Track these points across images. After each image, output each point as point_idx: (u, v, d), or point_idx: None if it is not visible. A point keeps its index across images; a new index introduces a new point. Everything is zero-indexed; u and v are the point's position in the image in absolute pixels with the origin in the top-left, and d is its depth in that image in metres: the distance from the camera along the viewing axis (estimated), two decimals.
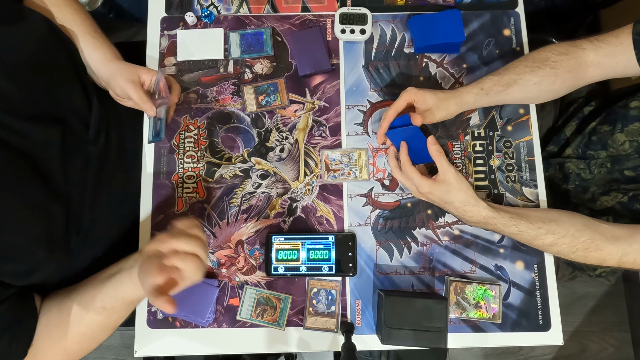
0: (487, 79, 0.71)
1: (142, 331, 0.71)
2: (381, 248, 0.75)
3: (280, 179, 0.77)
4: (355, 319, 0.72)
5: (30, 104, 0.60)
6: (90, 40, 0.70)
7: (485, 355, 1.45)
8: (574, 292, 1.46)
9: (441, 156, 0.67)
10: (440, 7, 0.83)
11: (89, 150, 0.68)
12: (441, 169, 0.67)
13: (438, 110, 0.70)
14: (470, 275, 0.74)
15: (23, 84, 0.59)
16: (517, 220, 0.66)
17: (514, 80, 0.70)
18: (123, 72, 0.69)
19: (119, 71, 0.69)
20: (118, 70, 0.69)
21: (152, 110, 0.69)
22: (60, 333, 0.59)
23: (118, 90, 0.70)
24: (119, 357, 1.44)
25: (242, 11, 0.83)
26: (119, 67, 0.70)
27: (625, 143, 0.76)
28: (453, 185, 0.66)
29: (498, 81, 0.70)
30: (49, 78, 0.64)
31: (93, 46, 0.70)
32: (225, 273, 0.73)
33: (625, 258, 0.63)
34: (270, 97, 0.79)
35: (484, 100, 0.71)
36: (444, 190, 0.66)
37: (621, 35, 0.66)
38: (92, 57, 0.70)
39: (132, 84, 0.68)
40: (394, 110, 0.71)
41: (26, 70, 0.60)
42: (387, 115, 0.71)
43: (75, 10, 0.71)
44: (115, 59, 0.71)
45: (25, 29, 0.62)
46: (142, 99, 0.68)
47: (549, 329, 0.72)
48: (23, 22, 0.62)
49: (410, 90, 0.70)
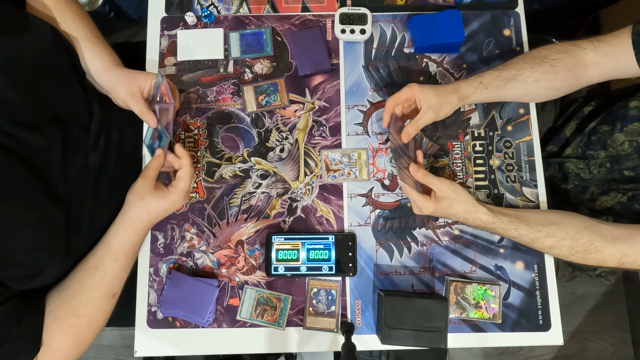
0: (486, 73, 0.71)
1: (142, 331, 0.72)
2: (381, 248, 0.75)
3: (280, 179, 0.77)
4: (355, 319, 0.72)
5: (32, 112, 0.60)
6: (90, 47, 0.70)
7: (485, 355, 1.45)
8: (574, 292, 1.46)
9: (429, 177, 0.67)
10: (440, 7, 0.83)
11: (89, 154, 0.68)
12: (435, 187, 0.67)
13: (441, 107, 0.70)
14: (470, 275, 0.74)
15: (26, 92, 0.59)
16: (516, 224, 0.66)
17: (514, 76, 0.70)
18: (122, 84, 0.69)
19: (118, 82, 0.70)
20: (117, 81, 0.70)
21: (153, 121, 0.70)
22: (64, 311, 0.60)
23: (119, 102, 0.71)
24: (119, 357, 1.44)
25: (242, 11, 0.83)
26: (118, 77, 0.70)
27: (624, 143, 0.76)
28: (452, 198, 0.66)
29: (497, 76, 0.70)
30: (51, 85, 0.64)
31: (92, 52, 0.70)
32: (225, 273, 0.73)
33: (625, 259, 0.63)
34: (270, 97, 0.79)
35: (483, 94, 0.71)
36: (446, 206, 0.67)
37: (621, 36, 0.66)
38: (91, 65, 0.70)
39: (132, 96, 0.69)
40: (393, 101, 0.71)
41: (30, 79, 0.61)
42: (387, 106, 0.72)
43: (77, 15, 0.71)
44: (114, 67, 0.71)
45: (31, 39, 0.62)
46: (143, 112, 0.69)
47: (549, 329, 0.72)
48: (29, 32, 0.62)
49: (413, 87, 0.70)
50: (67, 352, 0.61)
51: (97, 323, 0.64)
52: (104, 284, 0.63)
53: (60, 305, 0.61)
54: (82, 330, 0.62)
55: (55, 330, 0.59)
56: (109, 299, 0.64)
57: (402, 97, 0.70)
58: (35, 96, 0.61)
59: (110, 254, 0.64)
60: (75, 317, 0.61)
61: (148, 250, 0.74)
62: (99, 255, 0.64)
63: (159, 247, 0.74)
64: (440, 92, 0.70)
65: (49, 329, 0.59)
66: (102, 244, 0.65)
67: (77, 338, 0.61)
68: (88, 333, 0.63)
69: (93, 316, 0.63)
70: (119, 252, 0.65)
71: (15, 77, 0.58)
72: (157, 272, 0.73)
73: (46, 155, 0.60)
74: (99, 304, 0.63)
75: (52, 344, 0.59)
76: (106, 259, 0.64)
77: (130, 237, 0.66)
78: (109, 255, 0.64)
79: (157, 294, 0.73)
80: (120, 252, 0.65)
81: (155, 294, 0.73)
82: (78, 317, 0.61)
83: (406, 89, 0.70)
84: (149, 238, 0.74)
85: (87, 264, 0.64)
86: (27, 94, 0.60)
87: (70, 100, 0.67)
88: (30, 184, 0.57)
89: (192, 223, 0.75)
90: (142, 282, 0.73)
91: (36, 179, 0.58)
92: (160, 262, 0.74)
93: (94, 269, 0.63)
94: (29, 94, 0.60)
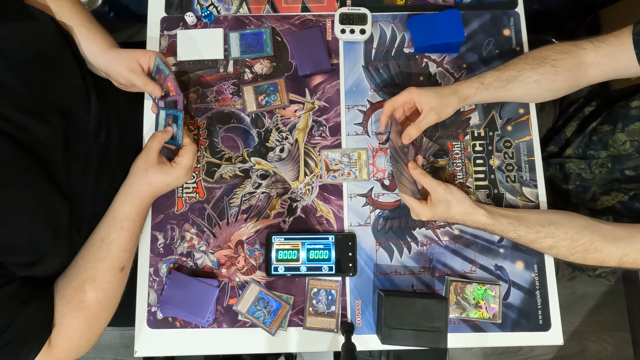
0: (487, 74, 0.71)
1: (142, 331, 0.72)
2: (381, 248, 0.75)
3: (280, 179, 0.77)
4: (355, 319, 0.72)
5: (35, 100, 0.60)
6: (85, 32, 0.70)
7: (485, 355, 1.45)
8: (574, 292, 1.46)
9: (425, 177, 0.68)
10: (440, 7, 0.83)
11: (90, 145, 0.69)
12: (430, 188, 0.67)
13: (442, 109, 0.69)
14: (470, 275, 0.74)
15: (29, 80, 0.60)
16: (515, 226, 0.66)
17: (514, 77, 0.70)
18: (121, 61, 0.69)
19: (116, 60, 0.70)
20: (115, 60, 0.70)
21: (157, 90, 0.70)
22: (71, 288, 0.60)
23: (121, 80, 0.71)
24: (119, 357, 1.44)
25: (242, 11, 0.83)
26: (115, 56, 0.70)
27: (626, 143, 0.76)
28: (449, 200, 0.66)
29: (498, 77, 0.70)
30: (53, 74, 0.64)
31: (88, 38, 0.70)
32: (225, 273, 0.73)
33: (626, 258, 0.63)
34: (270, 97, 0.79)
35: (484, 95, 0.71)
36: (443, 209, 0.67)
37: (621, 36, 0.66)
38: (88, 50, 0.71)
39: (133, 72, 0.69)
40: (391, 105, 0.71)
41: (32, 67, 0.61)
42: (384, 110, 0.71)
43: (72, 3, 0.71)
44: (109, 48, 0.71)
45: (33, 27, 0.63)
46: (145, 83, 0.69)
47: (549, 328, 0.72)
48: (30, 21, 0.63)
49: (412, 91, 0.69)
50: (78, 331, 0.59)
51: (107, 299, 0.62)
52: (110, 256, 0.62)
53: (67, 284, 0.60)
54: (92, 307, 0.60)
55: (63, 308, 0.58)
56: (117, 272, 0.63)
57: (399, 101, 0.70)
58: (38, 85, 0.61)
59: (115, 224, 0.64)
60: (82, 293, 0.59)
61: (148, 250, 0.74)
62: (104, 227, 0.64)
63: (159, 247, 0.74)
64: (441, 93, 0.69)
65: (58, 308, 0.58)
66: (106, 216, 0.65)
67: (87, 316, 0.60)
68: (99, 310, 0.61)
69: (102, 291, 0.61)
70: (124, 220, 0.64)
71: (19, 65, 0.59)
72: (157, 272, 0.73)
73: (49, 145, 0.61)
74: (107, 277, 0.62)
75: (62, 323, 0.58)
76: (112, 229, 0.63)
77: (134, 206, 0.66)
78: (114, 225, 0.64)
79: (157, 294, 0.73)
80: (126, 221, 0.64)
81: (155, 294, 0.73)
82: (85, 292, 0.60)
83: (404, 93, 0.69)
84: (149, 238, 0.74)
85: (93, 238, 0.63)
86: (31, 82, 0.60)
87: (71, 90, 0.67)
88: (34, 173, 0.58)
89: (192, 223, 0.75)
90: (142, 282, 0.73)
91: (40, 168, 0.59)
92: (160, 262, 0.74)
93: (100, 241, 0.63)
94: (33, 82, 0.60)
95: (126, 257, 0.65)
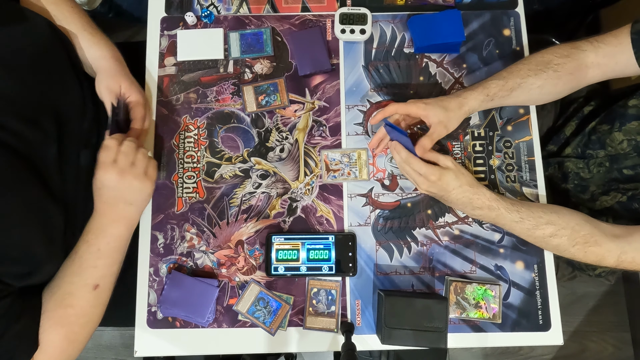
0: (492, 83, 0.70)
1: (142, 331, 0.72)
2: (381, 248, 0.75)
3: (280, 179, 0.77)
4: (355, 319, 0.72)
5: (29, 106, 0.60)
6: (88, 37, 0.70)
7: (485, 355, 1.45)
8: (574, 292, 1.46)
9: (433, 152, 0.68)
10: (440, 7, 0.83)
11: (82, 151, 0.68)
12: (439, 160, 0.68)
13: (449, 121, 0.69)
14: (470, 275, 0.74)
15: (23, 85, 0.59)
16: (518, 206, 0.67)
17: (518, 84, 0.70)
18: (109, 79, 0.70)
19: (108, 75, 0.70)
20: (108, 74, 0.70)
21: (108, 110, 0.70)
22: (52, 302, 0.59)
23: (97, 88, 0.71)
24: (119, 357, 1.44)
25: (242, 11, 0.83)
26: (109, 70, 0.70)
27: (623, 142, 0.76)
28: (458, 168, 0.67)
29: (503, 86, 0.70)
30: (48, 79, 0.64)
31: (90, 42, 0.70)
32: (225, 273, 0.73)
33: (624, 256, 0.63)
34: (270, 97, 0.79)
35: (488, 105, 0.72)
36: (452, 176, 0.66)
37: (620, 35, 0.66)
38: (89, 54, 0.70)
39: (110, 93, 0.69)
40: (395, 108, 0.70)
41: (27, 72, 0.60)
42: (386, 109, 0.71)
43: (72, 7, 0.71)
44: (110, 58, 0.71)
45: (27, 31, 0.62)
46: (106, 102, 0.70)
47: (549, 329, 0.72)
48: (24, 24, 0.62)
49: (419, 105, 0.68)
50: (59, 347, 0.58)
51: (86, 316, 0.61)
52: (82, 271, 0.61)
53: (50, 297, 0.59)
54: (72, 323, 0.59)
55: (45, 324, 0.57)
56: (90, 289, 0.61)
57: (403, 109, 0.70)
58: (32, 89, 0.61)
59: (82, 237, 0.62)
60: (62, 308, 0.59)
61: (148, 250, 0.74)
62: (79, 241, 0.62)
63: (159, 247, 0.74)
64: (447, 107, 0.69)
65: (41, 322, 0.58)
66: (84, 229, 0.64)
67: (67, 332, 0.59)
68: (78, 327, 0.60)
69: (79, 308, 0.60)
70: (88, 233, 0.62)
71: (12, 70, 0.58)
72: (157, 272, 0.73)
73: (42, 151, 0.60)
74: (82, 293, 0.60)
75: (43, 339, 0.57)
76: (81, 242, 0.62)
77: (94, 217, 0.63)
78: (82, 239, 0.62)
79: (157, 294, 0.73)
80: (90, 234, 0.62)
81: (155, 294, 0.73)
82: (65, 308, 0.59)
83: (412, 107, 0.69)
84: (149, 238, 0.74)
85: (72, 250, 0.62)
86: (25, 86, 0.59)
87: (66, 95, 0.67)
88: (27, 179, 0.57)
89: (192, 223, 0.75)
90: (142, 282, 0.73)
91: (33, 174, 0.58)
92: (160, 262, 0.74)
93: (74, 254, 0.62)
94: (27, 87, 0.60)
95: (98, 275, 0.61)
